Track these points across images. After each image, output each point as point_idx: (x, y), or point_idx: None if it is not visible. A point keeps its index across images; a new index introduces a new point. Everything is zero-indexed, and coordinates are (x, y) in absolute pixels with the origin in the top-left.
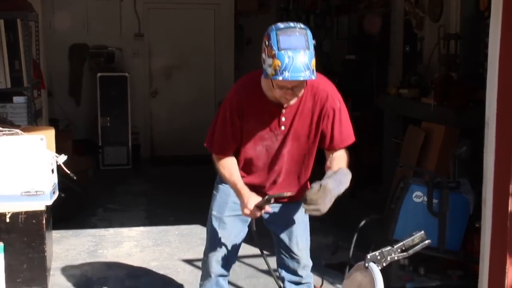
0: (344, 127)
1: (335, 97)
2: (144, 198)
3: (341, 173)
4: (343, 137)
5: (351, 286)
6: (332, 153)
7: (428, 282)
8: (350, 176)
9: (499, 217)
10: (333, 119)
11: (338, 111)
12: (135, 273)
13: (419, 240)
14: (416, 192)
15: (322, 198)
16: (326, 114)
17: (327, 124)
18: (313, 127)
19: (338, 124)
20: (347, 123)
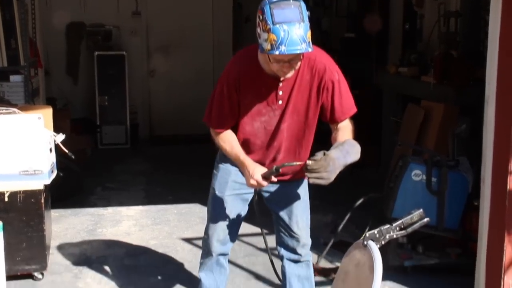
0: (345, 99)
1: (333, 69)
2: (142, 177)
3: (348, 144)
4: (344, 109)
5: (350, 264)
6: (336, 125)
7: (426, 260)
8: (358, 147)
9: (497, 196)
10: (333, 91)
11: (338, 83)
12: (134, 251)
13: (417, 218)
14: (415, 170)
15: (324, 167)
16: (325, 87)
17: (327, 97)
18: (312, 100)
19: (338, 96)
20: (347, 94)
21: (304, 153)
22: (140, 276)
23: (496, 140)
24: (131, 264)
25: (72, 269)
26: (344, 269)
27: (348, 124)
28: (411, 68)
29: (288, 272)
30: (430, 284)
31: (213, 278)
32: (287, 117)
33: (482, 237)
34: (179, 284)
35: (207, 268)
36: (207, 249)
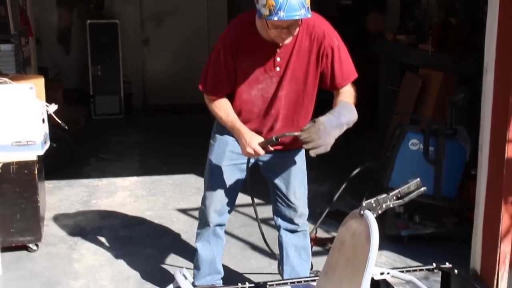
0: (345, 65)
1: (332, 35)
2: (137, 148)
3: (340, 105)
4: (344, 74)
5: (346, 234)
6: (337, 91)
7: (423, 230)
8: (351, 107)
9: (495, 164)
10: (333, 57)
11: (337, 49)
12: (129, 222)
13: (414, 187)
14: (413, 139)
15: (315, 133)
16: (325, 53)
17: (326, 63)
18: (311, 67)
19: (338, 62)
20: (347, 60)
21: (303, 122)
22: (136, 247)
23: (494, 108)
24: (126, 235)
25: (67, 241)
26: (340, 238)
27: (350, 89)
28: (409, 35)
29: (285, 242)
30: (427, 254)
31: (210, 248)
32: (285, 84)
33: (479, 206)
34: (175, 254)
35: (204, 238)
36: (204, 219)
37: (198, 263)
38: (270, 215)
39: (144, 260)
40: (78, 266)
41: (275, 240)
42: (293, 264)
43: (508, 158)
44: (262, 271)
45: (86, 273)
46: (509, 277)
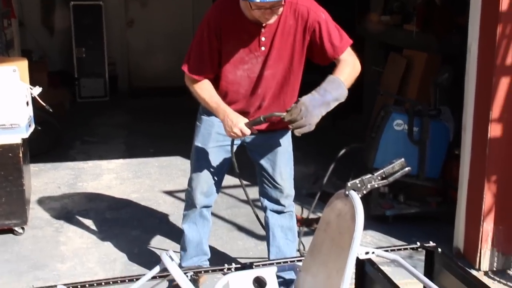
0: (334, 37)
1: (317, 10)
2: (123, 130)
3: (327, 81)
4: (335, 46)
5: (332, 214)
6: (336, 61)
7: (407, 209)
8: (338, 82)
9: (478, 144)
10: (320, 31)
11: (324, 23)
12: (116, 205)
13: (399, 167)
14: (397, 120)
15: (297, 114)
16: (311, 29)
17: (314, 38)
18: (297, 45)
19: (327, 35)
20: (335, 31)
21: (290, 100)
22: (122, 229)
23: (477, 88)
24: (112, 217)
25: (53, 223)
26: (326, 219)
27: (348, 58)
28: (394, 16)
29: (271, 223)
30: (411, 233)
31: (196, 230)
32: (271, 64)
33: (463, 185)
34: (161, 236)
35: (191, 220)
36: (190, 201)
37: (185, 244)
38: (256, 197)
39: (131, 242)
40: (64, 249)
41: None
42: (279, 244)
43: (491, 138)
44: (248, 252)
45: (73, 255)
46: (491, 255)
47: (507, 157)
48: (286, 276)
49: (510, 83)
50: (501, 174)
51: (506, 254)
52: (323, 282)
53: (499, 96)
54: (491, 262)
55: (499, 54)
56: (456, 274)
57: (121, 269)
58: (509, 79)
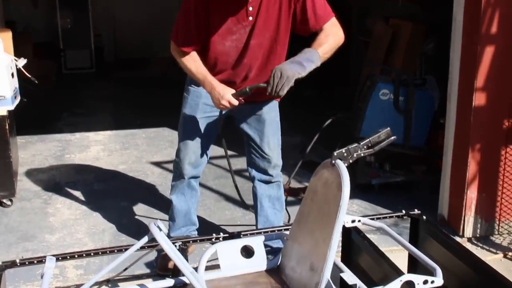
0: (318, 7)
1: None
2: (109, 102)
3: (300, 53)
4: (317, 17)
5: (318, 183)
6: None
7: (393, 178)
8: (312, 53)
9: (463, 113)
10: (305, 1)
11: None
12: (103, 176)
13: (385, 136)
14: (383, 90)
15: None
16: None
17: (298, 8)
18: (283, 15)
19: (311, 5)
20: (320, 2)
21: None
22: (110, 200)
23: (462, 58)
24: (101, 188)
25: (41, 195)
26: (312, 188)
27: (329, 30)
28: None
29: (259, 192)
30: (397, 201)
31: (185, 200)
32: (257, 33)
33: (447, 153)
34: (149, 207)
35: (179, 190)
36: (178, 172)
37: (173, 215)
38: (244, 167)
39: (119, 213)
40: (53, 220)
41: (249, 191)
42: (267, 214)
43: (476, 107)
44: (236, 222)
45: (62, 227)
46: (474, 222)
47: (491, 125)
48: (273, 245)
49: (494, 52)
50: (485, 142)
51: (488, 221)
52: (310, 250)
53: (483, 65)
54: (474, 229)
55: (483, 23)
56: (441, 241)
57: (110, 239)
58: (494, 48)
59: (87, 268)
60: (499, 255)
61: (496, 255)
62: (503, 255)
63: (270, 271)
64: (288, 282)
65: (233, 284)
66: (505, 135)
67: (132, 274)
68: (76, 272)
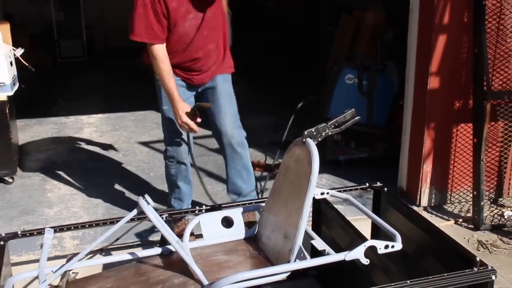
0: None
1: None
2: (101, 88)
3: None
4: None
5: (291, 159)
6: None
7: (358, 154)
8: None
9: (419, 95)
10: None
11: None
12: (96, 155)
13: (350, 116)
14: (348, 74)
15: None
16: None
17: None
18: None
19: None
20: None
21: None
22: (103, 177)
23: (419, 45)
24: (94, 167)
25: (40, 173)
26: (285, 164)
27: None
28: None
29: (227, 163)
30: (361, 175)
31: (189, 183)
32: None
33: (406, 132)
34: (138, 183)
35: (184, 176)
36: (176, 162)
37: (182, 197)
38: None
39: (111, 189)
40: (51, 196)
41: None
42: (235, 183)
43: (430, 89)
44: (217, 196)
45: (59, 201)
46: (429, 193)
47: (444, 106)
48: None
49: (446, 40)
50: (438, 121)
51: (442, 192)
52: (284, 221)
53: (437, 51)
54: (430, 199)
55: (437, 13)
56: (400, 210)
57: (103, 212)
58: (446, 36)
59: (82, 238)
60: (451, 222)
61: (448, 221)
62: (454, 221)
63: (248, 239)
64: (264, 249)
65: (215, 251)
66: (456, 114)
67: (123, 244)
68: (72, 242)
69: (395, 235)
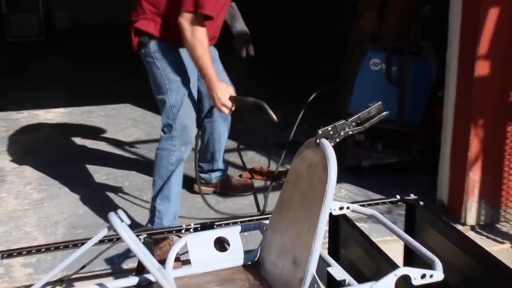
0: None
1: None
2: (62, 75)
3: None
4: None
5: (301, 165)
6: None
7: (386, 159)
8: None
9: (463, 84)
10: None
11: None
12: (56, 160)
13: (376, 111)
14: (374, 59)
15: None
16: None
17: None
18: None
19: None
20: None
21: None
22: (65, 187)
23: (463, 21)
24: (53, 174)
25: None
26: (295, 171)
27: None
28: None
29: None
30: (390, 185)
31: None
32: None
33: (447, 130)
34: (110, 194)
35: (177, 174)
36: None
37: (172, 197)
38: None
39: (75, 202)
40: None
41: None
42: None
43: (478, 77)
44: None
45: (7, 219)
46: (477, 208)
47: (495, 98)
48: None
49: (499, 14)
50: (489, 117)
51: (494, 206)
52: (293, 241)
53: (487, 29)
54: (478, 216)
55: None
56: (440, 229)
57: (64, 233)
58: (498, 9)
59: (37, 266)
60: (506, 245)
61: (503, 244)
62: (511, 244)
63: (248, 266)
64: (268, 278)
65: (206, 281)
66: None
67: (90, 272)
68: (24, 271)
69: (434, 261)
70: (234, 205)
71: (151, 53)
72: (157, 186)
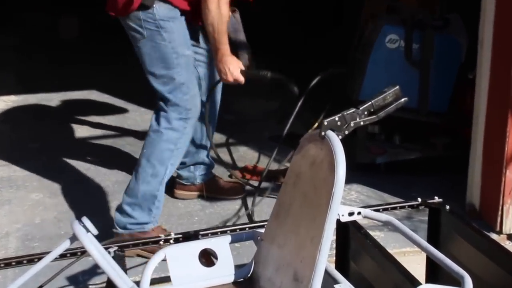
0: None
1: None
2: (13, 56)
3: None
4: None
5: (303, 163)
6: None
7: (405, 155)
8: None
9: (500, 63)
10: None
11: None
12: (8, 159)
13: (392, 98)
14: (390, 35)
15: None
16: None
17: None
18: None
19: None
20: None
21: None
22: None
23: None
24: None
25: None
26: (295, 170)
27: None
28: None
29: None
30: (410, 185)
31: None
32: None
33: (479, 120)
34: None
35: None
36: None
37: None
38: None
39: (30, 209)
40: None
41: None
42: None
43: None
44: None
45: None
46: None
47: None
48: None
49: None
50: None
51: None
52: (294, 253)
53: None
54: None
55: None
56: (470, 238)
57: (18, 246)
58: None
59: None
60: None
61: None
62: None
63: (240, 283)
64: None
65: None
66: None
67: None
68: None
69: (463, 277)
70: (223, 210)
71: (156, 20)
72: (152, 171)
